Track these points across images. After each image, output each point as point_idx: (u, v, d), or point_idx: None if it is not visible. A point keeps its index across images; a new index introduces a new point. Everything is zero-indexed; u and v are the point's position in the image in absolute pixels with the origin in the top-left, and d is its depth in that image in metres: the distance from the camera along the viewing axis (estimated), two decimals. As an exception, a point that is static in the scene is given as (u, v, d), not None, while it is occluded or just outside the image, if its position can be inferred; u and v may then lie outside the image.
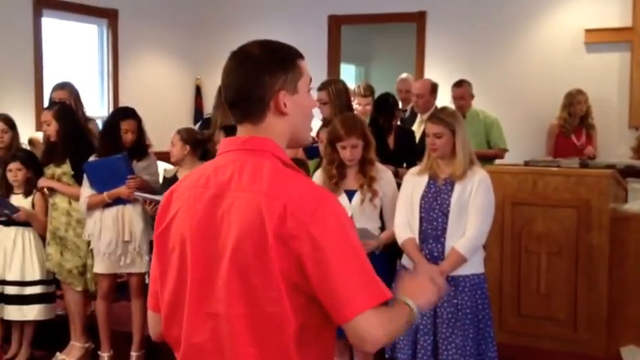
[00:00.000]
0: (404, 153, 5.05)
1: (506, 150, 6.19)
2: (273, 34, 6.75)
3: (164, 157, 5.35)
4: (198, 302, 1.64)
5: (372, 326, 1.55)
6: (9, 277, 4.68)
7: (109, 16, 7.56)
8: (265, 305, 1.56)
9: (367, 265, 1.60)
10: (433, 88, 6.04)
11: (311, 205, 1.56)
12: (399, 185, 3.93)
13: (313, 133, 5.02)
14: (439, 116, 3.74)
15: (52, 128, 4.72)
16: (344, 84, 5.22)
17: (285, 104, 1.67)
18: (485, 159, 5.47)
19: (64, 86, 5.42)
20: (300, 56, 1.72)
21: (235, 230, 1.58)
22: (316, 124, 5.44)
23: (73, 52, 7.44)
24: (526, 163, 5.01)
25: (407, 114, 6.48)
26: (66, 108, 4.90)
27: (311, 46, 8.06)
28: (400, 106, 6.34)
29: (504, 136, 6.20)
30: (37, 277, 4.73)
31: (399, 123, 5.42)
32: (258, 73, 1.65)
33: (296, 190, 1.59)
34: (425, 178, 3.75)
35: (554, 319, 4.50)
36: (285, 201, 1.55)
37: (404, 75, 6.92)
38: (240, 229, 1.58)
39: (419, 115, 6.08)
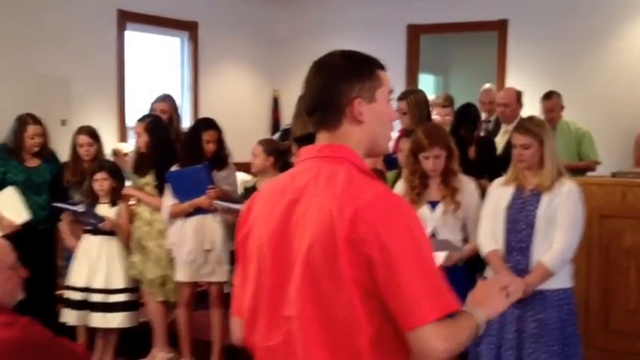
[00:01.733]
0: (485, 164, 4.94)
1: (597, 162, 5.98)
2: (351, 45, 6.71)
3: (243, 167, 5.39)
4: (273, 306, 1.67)
5: (434, 340, 1.53)
6: (94, 285, 4.76)
7: (190, 29, 7.71)
8: (336, 309, 1.57)
9: (437, 274, 1.58)
10: (518, 96, 5.88)
11: (382, 210, 1.57)
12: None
13: (391, 144, 4.98)
14: (526, 126, 3.63)
15: (143, 140, 4.82)
16: (423, 94, 5.15)
17: (361, 112, 1.68)
18: (577, 171, 5.29)
19: (165, 98, 5.56)
20: (381, 66, 1.74)
21: (308, 234, 1.60)
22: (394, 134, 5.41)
23: (154, 64, 7.60)
24: (613, 175, 4.83)
25: (491, 125, 6.34)
26: (157, 121, 5.01)
27: (389, 56, 7.89)
28: (484, 117, 6.23)
29: (596, 148, 5.99)
30: (121, 285, 4.81)
31: (482, 134, 5.31)
32: (334, 81, 1.68)
33: (368, 195, 1.59)
34: (510, 189, 3.65)
35: (645, 336, 4.31)
36: (357, 205, 1.56)
37: (487, 85, 6.77)
38: (313, 233, 1.59)
39: (503, 125, 5.93)
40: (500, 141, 5.56)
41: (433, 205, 3.77)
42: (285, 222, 1.66)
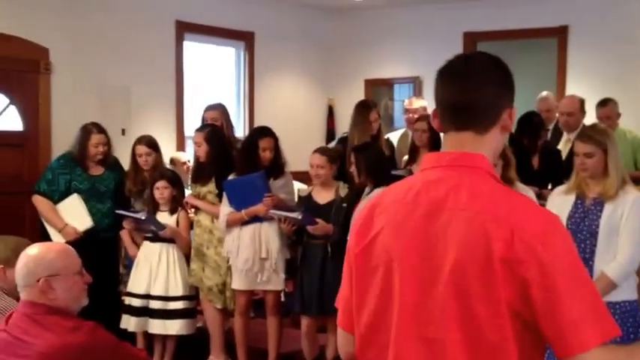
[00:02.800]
0: (549, 173, 4.84)
1: None
2: (406, 53, 6.73)
3: (298, 176, 5.40)
4: (410, 325, 1.55)
5: None
6: (154, 292, 4.84)
7: (246, 39, 7.79)
8: (486, 332, 1.47)
9: (598, 296, 1.48)
10: (582, 104, 5.76)
11: (540, 228, 1.46)
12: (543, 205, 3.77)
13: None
14: (590, 135, 3.56)
15: (203, 149, 4.88)
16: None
17: (512, 121, 1.65)
18: (633, 182, 5.14)
19: (217, 107, 5.63)
20: None
21: (454, 251, 1.49)
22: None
23: (211, 74, 7.70)
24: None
25: (549, 133, 6.22)
26: (216, 131, 5.07)
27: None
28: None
29: None
30: (180, 292, 4.87)
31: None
32: (502, 83, 1.62)
33: (522, 212, 1.50)
34: (572, 198, 3.57)
35: None
36: (513, 224, 1.46)
37: (544, 94, 6.64)
38: (460, 250, 1.48)
39: (564, 134, 5.81)
40: (562, 149, 5.45)
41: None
42: (424, 235, 1.55)
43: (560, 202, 3.61)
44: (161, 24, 7.01)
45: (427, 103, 6.14)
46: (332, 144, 6.14)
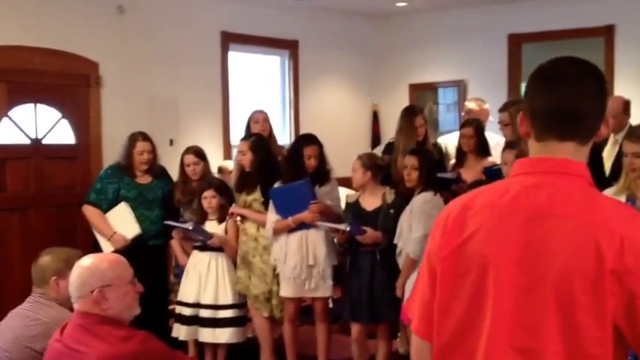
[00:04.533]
0: (593, 173, 4.76)
1: None
2: (451, 56, 6.71)
3: (345, 182, 5.41)
4: (505, 335, 1.49)
5: None
6: (204, 301, 4.87)
7: (290, 47, 7.84)
8: (588, 345, 1.42)
9: None
10: (625, 105, 5.65)
11: None
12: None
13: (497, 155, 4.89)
14: (638, 134, 3.50)
15: (247, 158, 4.91)
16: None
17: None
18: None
19: (264, 112, 5.75)
20: None
21: (559, 259, 1.44)
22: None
23: (257, 83, 7.77)
24: None
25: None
26: (261, 139, 5.11)
27: (491, 66, 7.92)
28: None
29: None
30: (229, 301, 4.89)
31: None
32: (605, 92, 1.59)
33: (633, 223, 1.45)
34: (622, 199, 3.51)
35: None
36: (623, 234, 1.42)
37: None
38: (567, 259, 1.44)
39: (611, 135, 5.71)
40: (610, 151, 5.35)
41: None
42: (524, 241, 1.49)
43: (611, 203, 3.55)
44: (207, 35, 7.11)
45: (474, 104, 6.04)
46: (377, 149, 6.12)
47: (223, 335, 4.85)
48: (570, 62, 1.57)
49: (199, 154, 5.25)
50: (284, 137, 7.68)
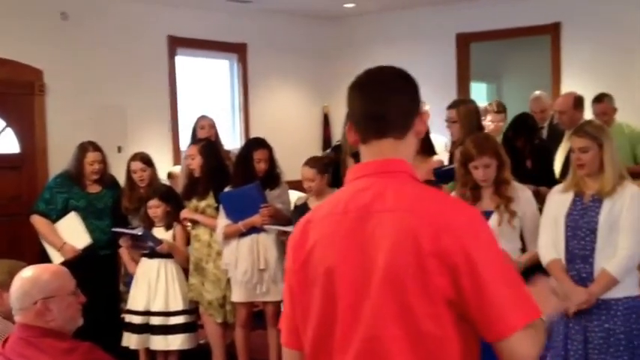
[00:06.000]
0: (542, 172, 4.83)
1: None
2: (401, 56, 6.71)
3: (296, 185, 5.39)
4: (352, 328, 1.60)
5: (526, 346, 1.53)
6: (154, 308, 4.82)
7: (239, 51, 7.80)
8: (424, 324, 1.54)
9: (520, 281, 1.59)
10: (577, 102, 5.72)
11: (464, 220, 1.57)
12: (540, 206, 3.75)
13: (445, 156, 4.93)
14: (585, 130, 3.55)
15: (197, 162, 4.87)
16: (475, 104, 5.09)
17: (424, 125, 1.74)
18: (633, 176, 5.11)
19: (209, 117, 5.73)
20: None
21: (385, 250, 1.56)
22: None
23: (205, 87, 7.71)
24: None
25: (544, 132, 6.20)
26: (210, 144, 5.09)
27: (440, 66, 7.98)
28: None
29: None
30: (180, 307, 4.85)
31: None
32: (411, 90, 1.72)
33: (446, 208, 1.60)
34: (570, 196, 3.55)
35: None
36: (438, 219, 1.55)
37: (537, 93, 6.60)
38: (392, 248, 1.55)
39: (566, 132, 5.78)
40: (565, 147, 5.42)
41: (487, 215, 3.67)
42: (356, 242, 1.61)
43: (559, 200, 3.60)
44: (153, 40, 7.04)
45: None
46: (327, 152, 6.13)
47: (175, 342, 4.81)
48: (377, 70, 1.74)
49: (146, 160, 5.20)
50: (234, 141, 7.63)
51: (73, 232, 5.03)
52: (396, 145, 1.68)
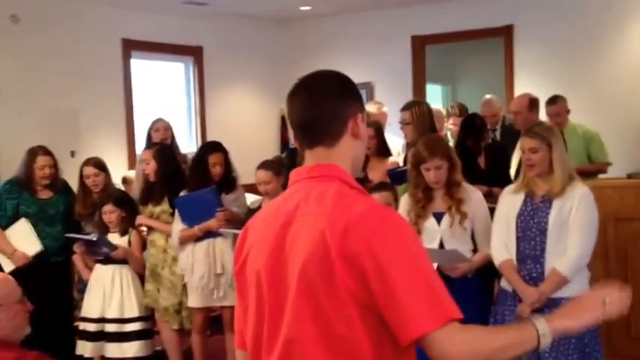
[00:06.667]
0: (497, 172, 4.90)
1: (608, 164, 5.87)
2: (357, 59, 6.75)
3: (254, 188, 5.38)
4: (275, 330, 1.64)
5: (441, 348, 1.50)
6: (109, 315, 4.75)
7: (195, 54, 7.76)
8: (337, 326, 1.55)
9: (434, 284, 1.55)
10: (531, 103, 5.79)
11: (373, 222, 1.56)
12: (493, 206, 3.79)
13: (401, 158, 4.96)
14: (534, 131, 3.61)
15: (152, 167, 4.83)
16: (428, 107, 5.15)
17: (360, 127, 1.72)
18: (587, 175, 5.22)
19: (164, 120, 5.65)
20: None
21: (302, 254, 1.59)
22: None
23: (161, 90, 7.65)
24: (629, 176, 4.75)
25: (497, 134, 6.29)
26: (165, 148, 5.04)
27: (395, 68, 8.04)
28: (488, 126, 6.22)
29: (606, 149, 5.89)
30: (135, 314, 4.79)
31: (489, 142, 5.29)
32: (339, 94, 1.70)
33: (358, 209, 1.58)
34: (521, 196, 3.60)
35: (670, 340, 4.22)
36: (347, 220, 1.55)
37: (487, 97, 6.67)
38: (306, 251, 1.58)
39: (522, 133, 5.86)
40: (520, 149, 5.50)
41: (439, 216, 3.72)
42: (280, 245, 1.64)
43: (510, 200, 3.64)
44: (107, 43, 6.97)
45: (374, 108, 6.11)
46: (283, 155, 6.13)
47: (130, 349, 4.74)
48: (308, 77, 1.74)
49: (99, 165, 5.13)
50: (191, 145, 7.59)
51: (23, 239, 4.93)
52: (329, 151, 1.69)
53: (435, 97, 9.85)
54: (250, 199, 5.24)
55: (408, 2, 7.71)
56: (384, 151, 5.17)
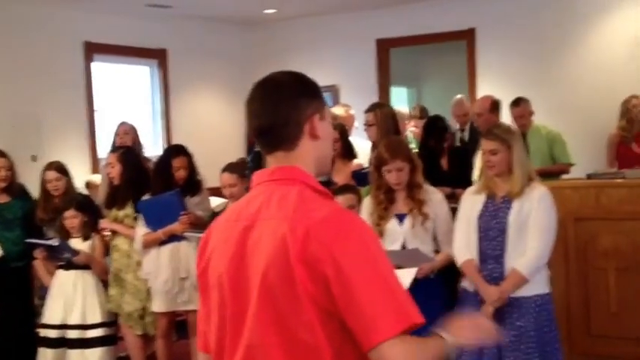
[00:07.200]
0: (459, 174, 4.94)
1: (571, 164, 5.96)
2: (322, 61, 6.75)
3: (219, 192, 5.35)
4: (236, 336, 1.62)
5: (396, 355, 1.47)
6: (71, 321, 4.69)
7: (159, 56, 7.71)
8: (298, 332, 1.53)
9: (396, 289, 1.53)
10: (493, 105, 5.87)
11: (334, 227, 1.54)
12: (456, 207, 3.82)
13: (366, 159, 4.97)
14: (494, 132, 3.65)
15: (116, 171, 4.79)
16: (391, 109, 5.21)
17: (318, 128, 1.69)
18: (551, 175, 5.29)
19: (129, 124, 5.63)
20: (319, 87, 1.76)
21: (263, 259, 1.57)
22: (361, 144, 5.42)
23: (125, 94, 7.59)
24: (589, 177, 4.82)
25: (466, 135, 6.35)
26: (130, 151, 5.01)
27: (361, 71, 8.06)
28: (457, 127, 6.27)
29: (568, 150, 5.98)
30: (98, 319, 4.73)
31: (457, 144, 5.34)
32: (293, 97, 1.67)
33: (319, 214, 1.56)
34: (482, 197, 3.64)
35: (628, 338, 4.28)
36: (308, 224, 1.54)
37: (458, 97, 6.76)
38: (267, 256, 1.56)
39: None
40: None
41: (401, 218, 3.75)
42: (241, 249, 1.63)
43: (472, 201, 3.67)
44: (69, 46, 6.90)
45: (341, 110, 6.14)
46: (248, 158, 6.12)
47: (93, 356, 4.67)
48: (262, 81, 1.72)
49: (60, 169, 5.06)
50: (156, 148, 7.53)
51: None
52: (288, 155, 1.68)
53: (401, 99, 9.91)
54: (216, 202, 5.21)
55: (373, 6, 7.74)
56: (348, 153, 5.18)
